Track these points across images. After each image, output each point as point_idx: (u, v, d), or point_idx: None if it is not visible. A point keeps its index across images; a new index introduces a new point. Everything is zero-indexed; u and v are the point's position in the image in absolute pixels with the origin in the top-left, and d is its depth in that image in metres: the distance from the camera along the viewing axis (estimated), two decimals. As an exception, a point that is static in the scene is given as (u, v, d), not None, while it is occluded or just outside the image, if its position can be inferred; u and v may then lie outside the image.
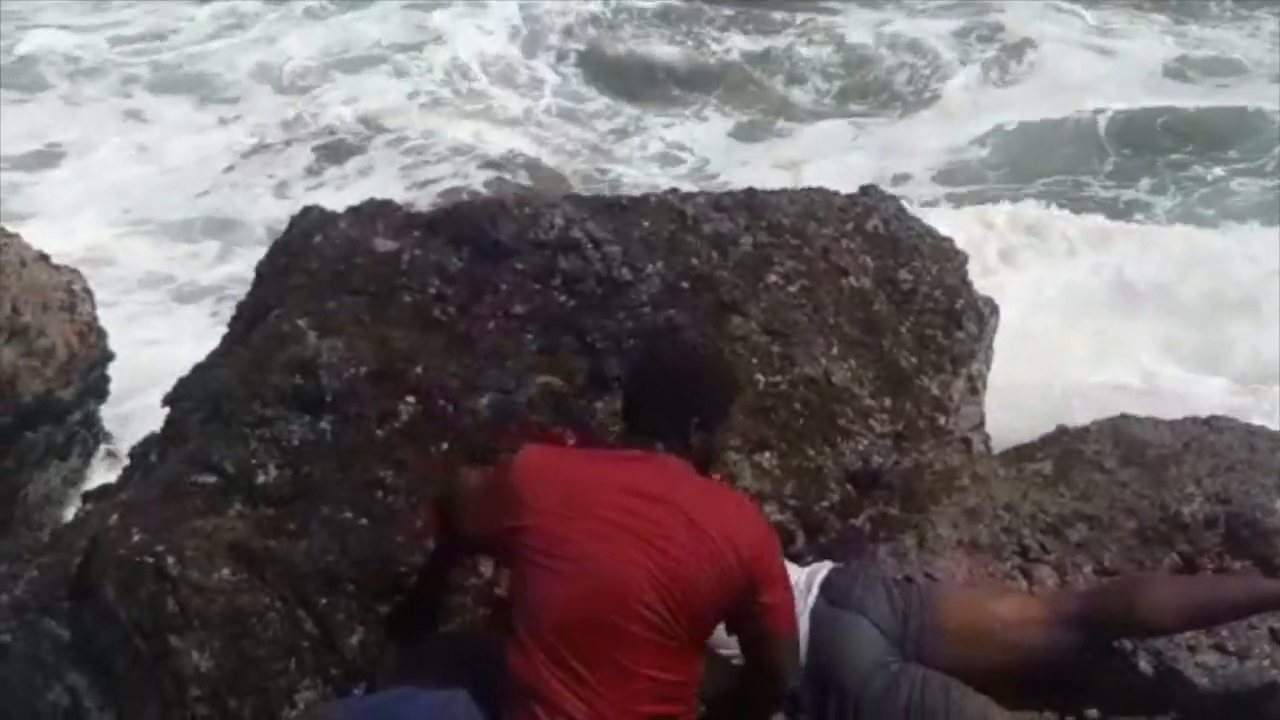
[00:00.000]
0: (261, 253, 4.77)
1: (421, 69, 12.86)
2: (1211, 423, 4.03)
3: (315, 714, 3.18)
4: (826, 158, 10.95)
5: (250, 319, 4.32)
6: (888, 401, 4.30)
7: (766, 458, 3.95)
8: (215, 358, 4.33)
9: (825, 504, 3.95)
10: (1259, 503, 3.67)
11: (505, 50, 13.43)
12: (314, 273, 4.23)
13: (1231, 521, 3.66)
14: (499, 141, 11.22)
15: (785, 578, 3.00)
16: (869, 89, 12.81)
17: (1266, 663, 3.39)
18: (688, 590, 2.85)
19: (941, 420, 4.41)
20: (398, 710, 3.01)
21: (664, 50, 13.45)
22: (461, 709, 2.96)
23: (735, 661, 3.08)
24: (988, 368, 4.86)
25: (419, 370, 3.91)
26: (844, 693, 3.20)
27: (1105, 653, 3.37)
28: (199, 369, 4.33)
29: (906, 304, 4.58)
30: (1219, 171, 10.56)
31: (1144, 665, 3.38)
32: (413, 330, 4.03)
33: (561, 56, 13.50)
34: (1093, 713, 3.33)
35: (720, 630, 2.98)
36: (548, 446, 3.16)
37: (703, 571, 2.86)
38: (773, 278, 4.38)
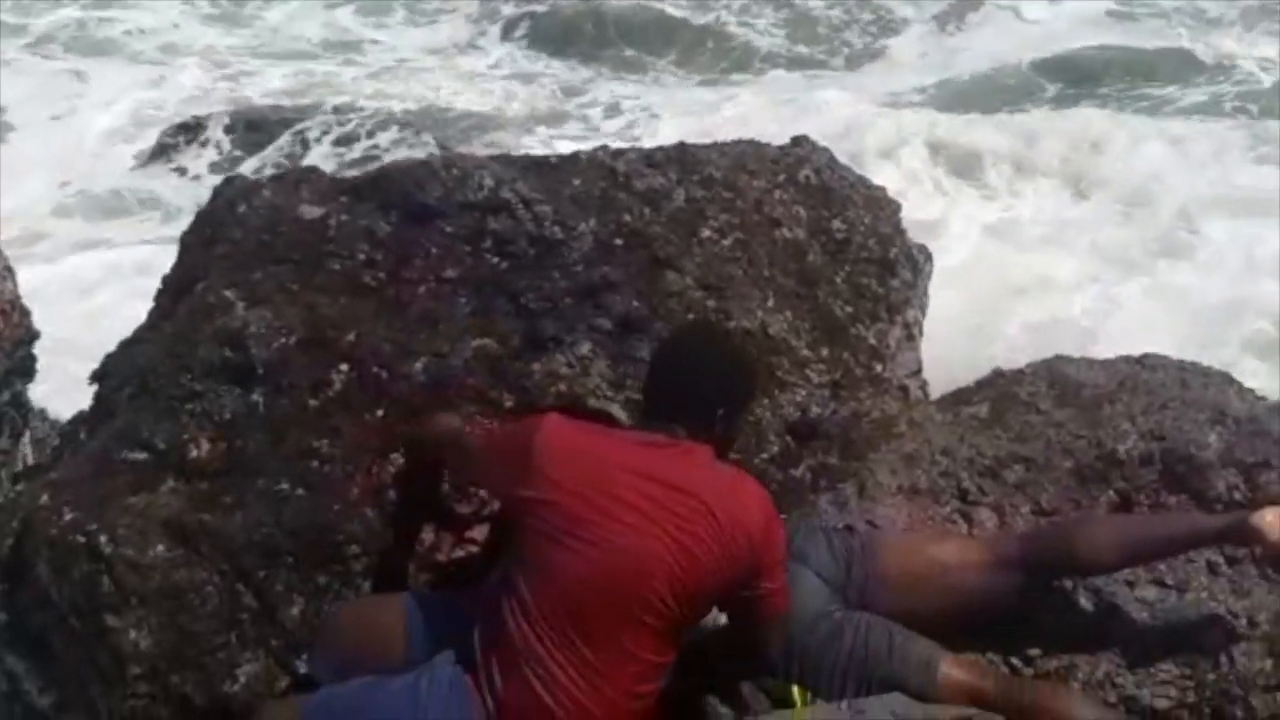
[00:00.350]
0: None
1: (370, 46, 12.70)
2: (1144, 361, 4.06)
3: (285, 706, 3.12)
4: (777, 110, 10.94)
5: (176, 292, 4.23)
6: (824, 351, 4.30)
7: (706, 412, 3.93)
8: (142, 332, 4.24)
9: (765, 456, 3.95)
10: (1192, 438, 3.70)
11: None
12: (239, 242, 4.14)
13: (1166, 458, 3.69)
14: (447, 104, 11.14)
15: (784, 562, 3.05)
16: (819, 42, 12.82)
17: (1204, 595, 3.45)
18: (699, 583, 2.90)
19: (878, 368, 4.42)
20: (364, 702, 2.99)
21: (614, 8, 13.36)
22: (437, 690, 2.94)
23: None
24: (923, 314, 4.87)
25: (350, 337, 3.85)
26: (789, 643, 3.20)
27: (1045, 592, 3.40)
28: (125, 345, 4.24)
29: (841, 254, 4.57)
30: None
31: (1084, 602, 3.42)
32: (342, 297, 3.96)
33: (511, 24, 13.40)
34: (1034, 651, 3.37)
35: None
36: (570, 419, 3.14)
37: (716, 565, 2.91)
38: (706, 232, 4.36)
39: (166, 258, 4.57)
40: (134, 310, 4.54)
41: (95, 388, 4.24)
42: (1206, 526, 3.35)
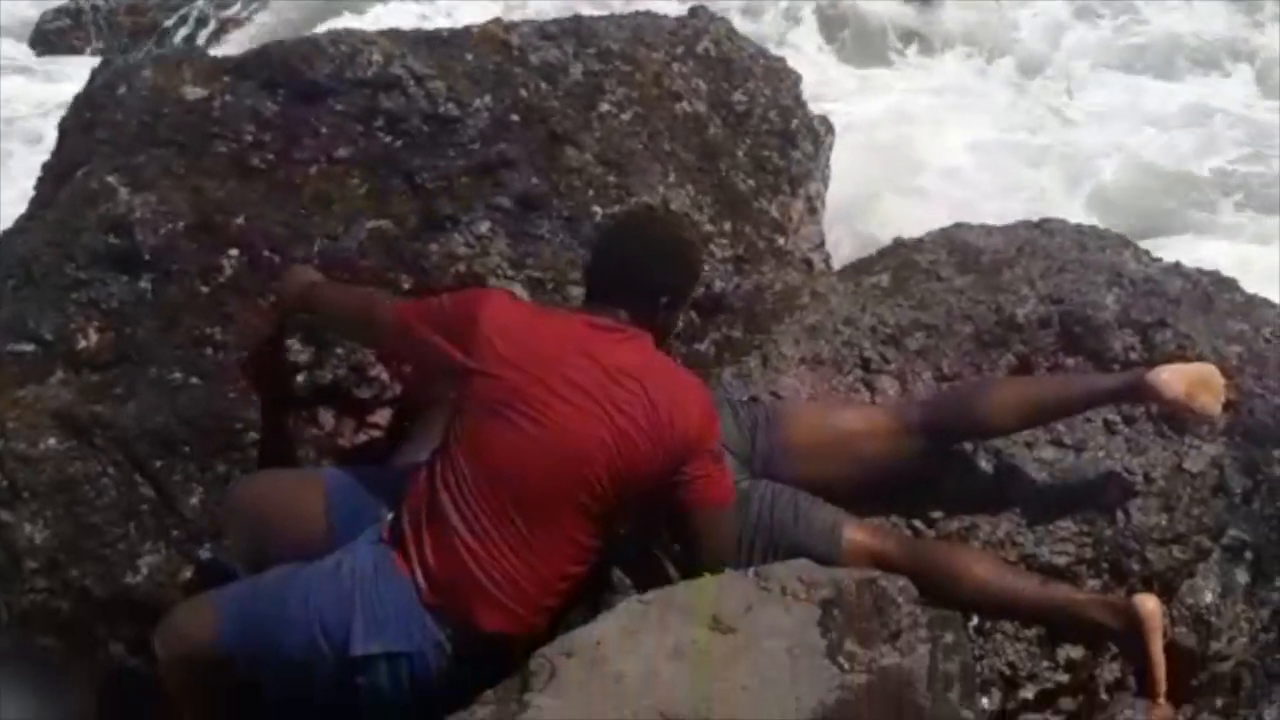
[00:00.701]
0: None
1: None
2: (1043, 225, 4.09)
3: (200, 608, 3.02)
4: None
5: (57, 178, 4.07)
6: (727, 226, 4.28)
7: (607, 290, 3.90)
8: (23, 222, 4.09)
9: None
10: (1090, 300, 3.75)
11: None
12: (120, 126, 3.97)
13: (1065, 320, 3.73)
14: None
15: (719, 457, 3.02)
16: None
17: (1101, 453, 3.51)
18: (634, 470, 2.89)
19: (781, 241, 4.41)
20: (285, 593, 2.92)
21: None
22: (363, 572, 2.89)
23: None
24: (825, 187, 4.86)
25: (240, 221, 3.74)
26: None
27: (946, 456, 3.45)
28: (6, 235, 4.09)
29: (741, 127, 4.52)
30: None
31: (984, 464, 3.47)
32: (230, 180, 3.83)
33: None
34: (936, 514, 3.41)
35: None
36: (514, 297, 3.15)
37: (651, 452, 2.89)
38: (605, 106, 4.27)
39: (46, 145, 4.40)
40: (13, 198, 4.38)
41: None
42: (1104, 385, 3.41)
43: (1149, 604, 3.09)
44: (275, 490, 3.25)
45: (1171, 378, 3.25)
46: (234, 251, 3.72)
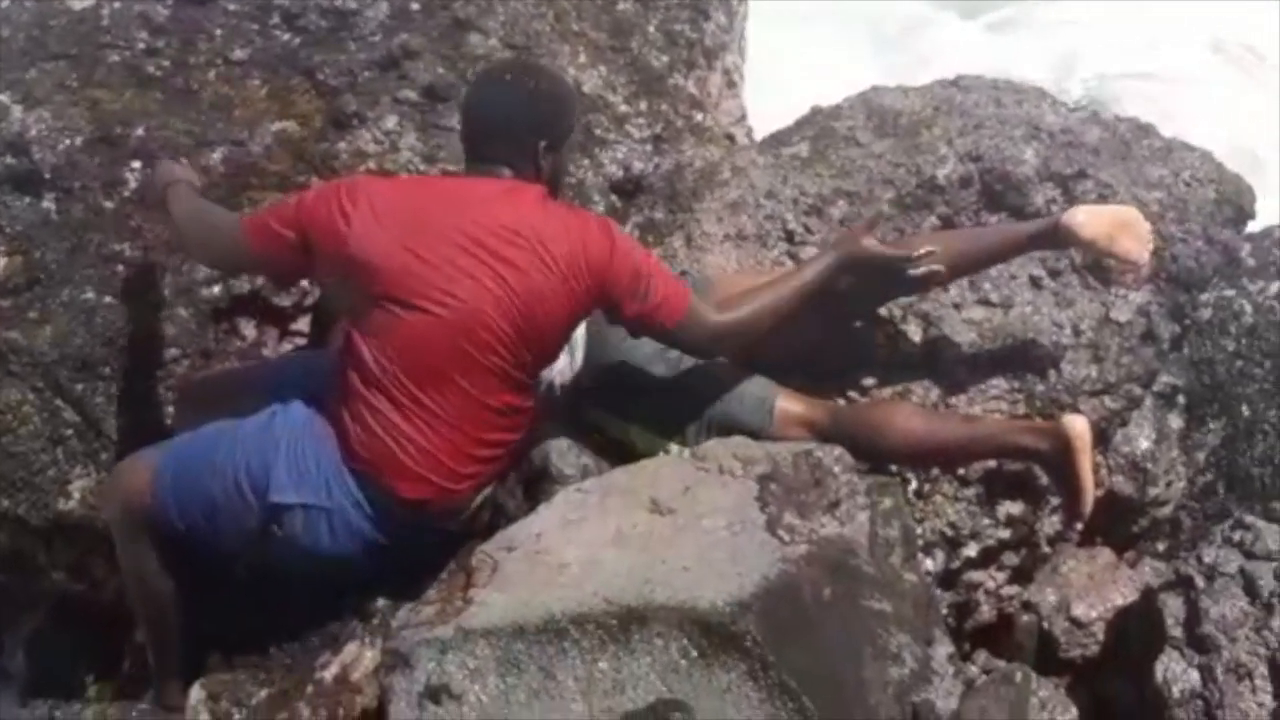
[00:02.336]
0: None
1: None
2: (959, 83, 4.05)
3: (137, 461, 2.97)
4: None
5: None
6: (643, 105, 4.20)
7: (525, 178, 3.83)
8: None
9: (591, 215, 3.88)
10: (1009, 155, 3.74)
11: None
12: (6, 40, 3.82)
13: (985, 177, 3.73)
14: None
15: (649, 272, 2.94)
16: None
17: (1029, 309, 3.53)
18: (537, 321, 2.85)
19: (699, 117, 4.34)
20: (219, 442, 2.92)
21: None
22: (292, 423, 2.91)
23: None
24: (743, 59, 4.79)
25: (140, 132, 3.63)
26: (627, 387, 3.21)
27: (875, 323, 3.44)
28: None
29: (651, 1, 4.42)
30: None
31: (913, 330, 3.48)
32: (126, 90, 3.71)
33: None
34: (869, 382, 3.42)
35: None
36: (383, 176, 3.04)
37: (556, 301, 2.85)
38: (509, -11, 4.16)
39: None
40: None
41: None
42: (1022, 231, 3.34)
43: (1078, 424, 3.03)
44: (220, 377, 3.31)
45: (1088, 219, 3.18)
46: (136, 164, 3.62)
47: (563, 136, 3.05)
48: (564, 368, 3.23)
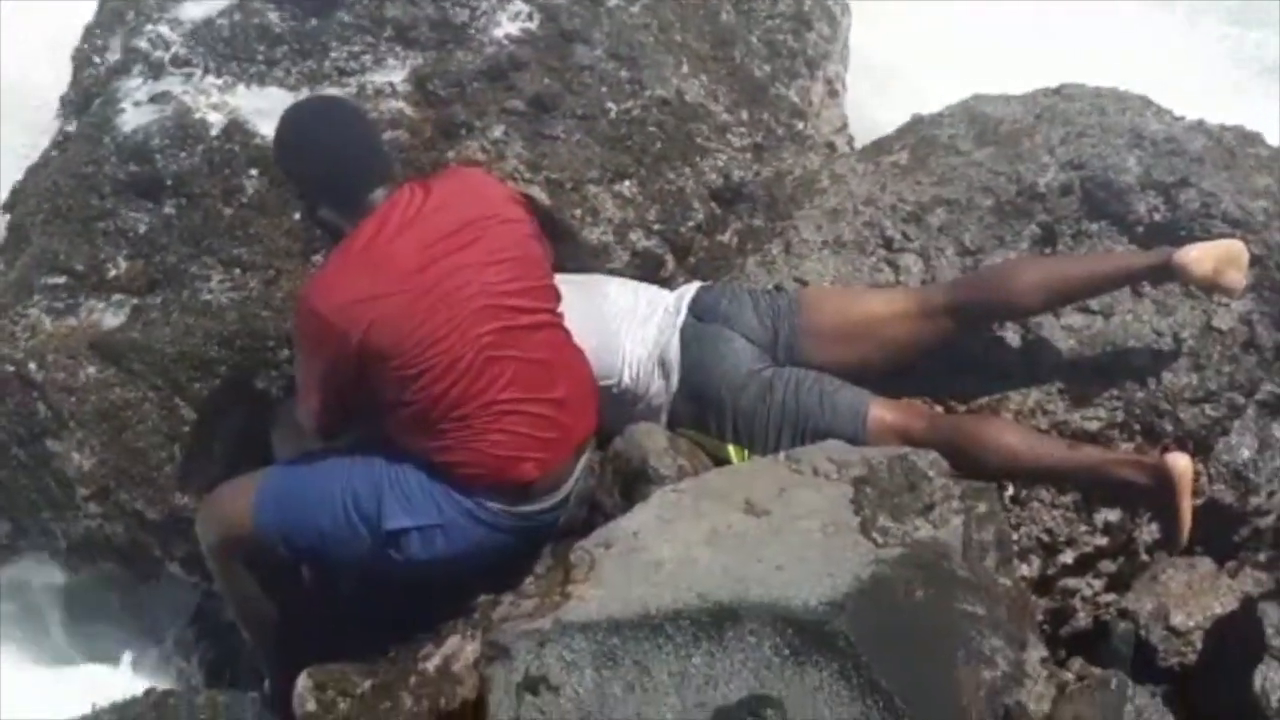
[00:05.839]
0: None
1: None
2: (1061, 91, 4.02)
3: (237, 488, 3.13)
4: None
5: (80, 106, 4.12)
6: (744, 114, 4.23)
7: (627, 186, 3.90)
8: (46, 155, 4.13)
9: (691, 224, 3.92)
10: (1111, 164, 3.70)
11: None
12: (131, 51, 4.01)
13: (1087, 185, 3.70)
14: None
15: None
16: None
17: (1129, 317, 3.50)
18: (528, 263, 3.09)
19: (801, 126, 4.36)
20: (316, 474, 3.06)
21: None
22: (383, 465, 3.03)
23: None
24: (845, 68, 4.80)
25: (258, 140, 3.77)
26: (721, 405, 3.26)
27: (973, 333, 3.45)
28: (32, 170, 4.14)
29: (753, 12, 4.46)
30: None
31: (1011, 336, 3.48)
32: (246, 99, 3.87)
33: None
34: (965, 388, 3.42)
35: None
36: (327, 276, 3.04)
37: (526, 240, 3.10)
38: (613, 1, 4.23)
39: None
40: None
41: (8, 217, 4.15)
42: (1131, 265, 3.36)
43: (1180, 462, 3.11)
44: None
45: (1201, 255, 3.22)
46: (254, 171, 3.76)
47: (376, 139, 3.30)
48: (659, 390, 3.31)
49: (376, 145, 3.18)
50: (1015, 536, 3.20)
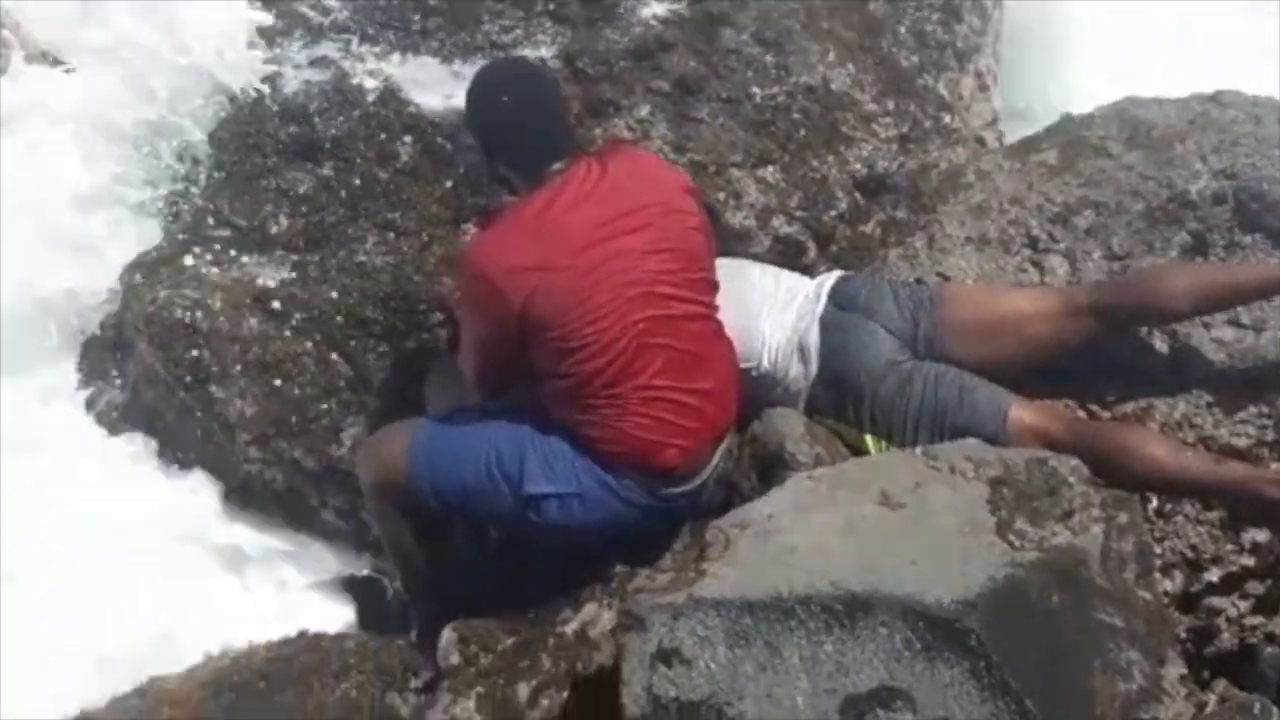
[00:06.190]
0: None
1: None
2: (1217, 98, 3.95)
3: (393, 437, 3.25)
4: None
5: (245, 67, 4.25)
6: (891, 104, 4.24)
7: (770, 171, 3.94)
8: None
9: (833, 213, 3.96)
10: (1266, 175, 3.62)
11: None
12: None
13: (1240, 195, 3.62)
14: None
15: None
16: None
17: (1281, 333, 3.44)
18: (690, 256, 3.12)
19: (948, 119, 4.35)
20: (465, 431, 3.17)
21: None
22: (529, 428, 3.12)
23: None
24: (998, 62, 4.76)
25: (411, 109, 3.88)
26: (859, 394, 3.28)
27: (1119, 337, 3.41)
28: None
29: (902, 2, 4.46)
30: None
31: (1160, 345, 3.42)
32: (400, 67, 4.00)
33: None
34: (1110, 395, 3.38)
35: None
36: (497, 238, 3.12)
37: (690, 233, 3.13)
38: (762, -15, 4.26)
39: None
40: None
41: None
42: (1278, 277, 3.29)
43: None
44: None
45: None
46: (408, 138, 3.87)
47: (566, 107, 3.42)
48: (798, 375, 3.35)
49: (566, 119, 3.25)
50: (1158, 550, 3.15)
